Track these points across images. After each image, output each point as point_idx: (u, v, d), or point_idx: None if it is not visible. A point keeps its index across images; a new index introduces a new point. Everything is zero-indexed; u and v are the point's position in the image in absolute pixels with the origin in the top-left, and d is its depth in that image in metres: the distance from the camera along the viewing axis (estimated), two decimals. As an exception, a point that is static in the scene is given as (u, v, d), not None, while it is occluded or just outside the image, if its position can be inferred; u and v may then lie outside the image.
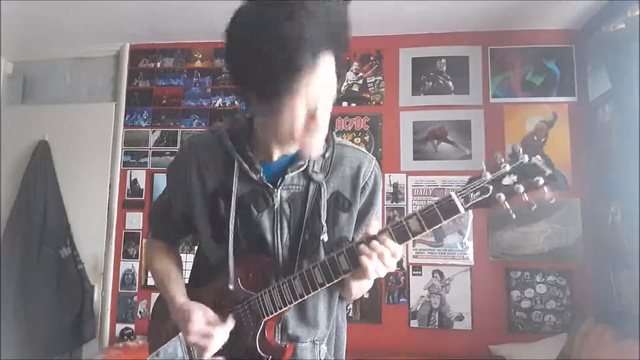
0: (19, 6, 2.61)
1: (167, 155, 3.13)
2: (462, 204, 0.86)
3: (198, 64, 3.20)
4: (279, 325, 1.04)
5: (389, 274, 2.79)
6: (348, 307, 2.78)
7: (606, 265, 2.43)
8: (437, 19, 2.82)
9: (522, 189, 0.83)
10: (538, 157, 0.84)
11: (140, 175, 3.13)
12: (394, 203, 2.86)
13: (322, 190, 1.03)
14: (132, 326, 2.98)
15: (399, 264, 2.81)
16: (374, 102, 3.01)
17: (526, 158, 0.83)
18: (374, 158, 1.11)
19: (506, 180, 0.84)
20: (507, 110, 2.84)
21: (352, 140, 2.94)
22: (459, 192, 0.86)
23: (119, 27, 3.01)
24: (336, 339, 1.15)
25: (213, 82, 3.17)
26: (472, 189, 0.86)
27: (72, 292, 2.93)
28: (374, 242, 0.90)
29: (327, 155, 1.05)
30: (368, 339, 2.69)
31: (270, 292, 1.00)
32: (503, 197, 0.84)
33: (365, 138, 2.97)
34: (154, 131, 3.17)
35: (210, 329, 0.99)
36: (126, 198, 3.11)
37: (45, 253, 2.92)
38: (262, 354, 1.00)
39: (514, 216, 0.85)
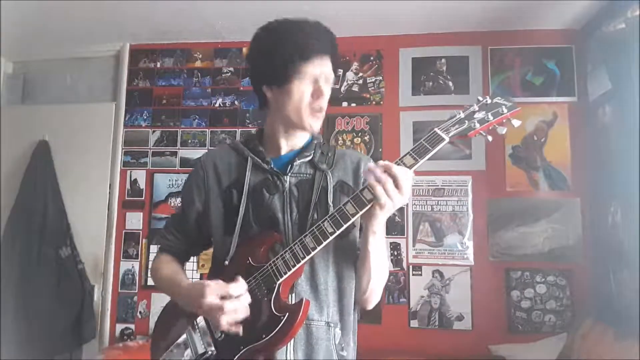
0: (19, 6, 2.61)
1: (167, 155, 3.13)
2: (445, 134, 1.01)
3: (198, 64, 3.20)
4: (293, 296, 1.07)
5: (389, 274, 2.79)
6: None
7: (606, 265, 2.42)
8: (437, 19, 2.82)
9: (491, 117, 1.03)
10: (498, 98, 1.06)
11: (140, 175, 3.12)
12: (394, 203, 2.85)
13: (328, 177, 1.14)
14: (132, 326, 2.97)
15: (399, 263, 2.81)
16: (374, 102, 3.01)
17: (489, 99, 1.06)
18: (371, 159, 1.21)
19: (477, 115, 1.04)
20: (507, 110, 2.83)
21: (352, 141, 2.98)
22: (440, 127, 1.03)
23: (119, 27, 3.01)
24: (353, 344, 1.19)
25: (213, 82, 3.17)
26: (450, 124, 1.03)
27: (72, 292, 2.93)
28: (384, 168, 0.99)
29: (329, 154, 1.19)
30: (368, 339, 2.67)
31: (282, 256, 1.04)
32: (478, 124, 1.03)
33: (365, 138, 2.97)
34: (154, 131, 3.17)
35: (226, 288, 0.99)
36: (126, 198, 3.11)
37: (45, 253, 2.92)
38: (278, 314, 1.01)
39: (489, 138, 1.06)
